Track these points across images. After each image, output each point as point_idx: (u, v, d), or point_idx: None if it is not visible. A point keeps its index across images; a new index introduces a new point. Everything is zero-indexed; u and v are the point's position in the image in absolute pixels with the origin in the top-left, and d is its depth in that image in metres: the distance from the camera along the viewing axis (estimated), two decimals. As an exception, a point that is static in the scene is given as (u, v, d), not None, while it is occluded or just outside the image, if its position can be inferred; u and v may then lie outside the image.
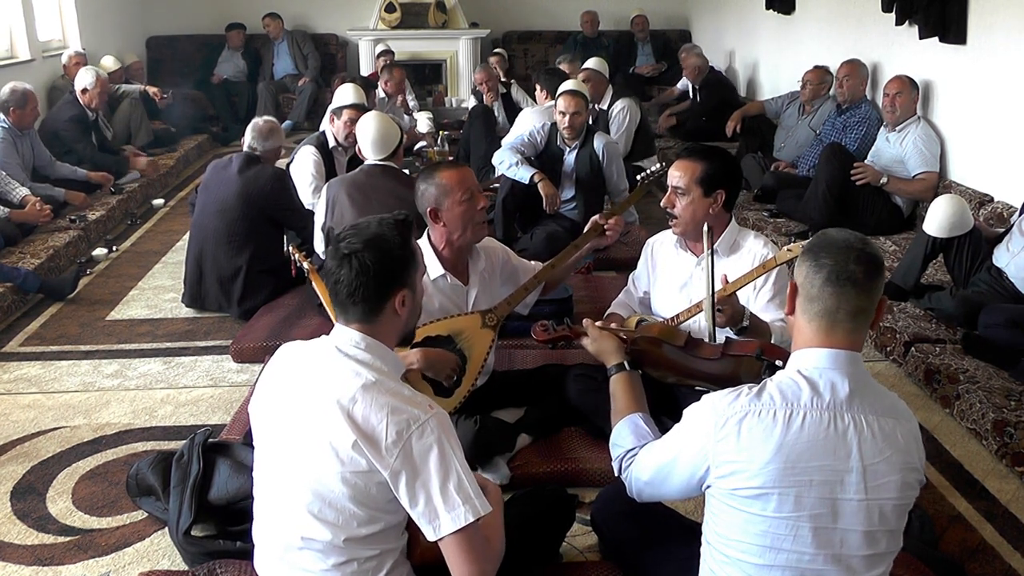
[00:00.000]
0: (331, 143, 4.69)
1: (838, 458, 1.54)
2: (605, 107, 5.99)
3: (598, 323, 2.36)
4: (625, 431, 1.93)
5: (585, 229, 3.02)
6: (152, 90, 7.58)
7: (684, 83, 8.19)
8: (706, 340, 2.35)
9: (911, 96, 4.75)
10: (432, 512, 1.63)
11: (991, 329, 3.32)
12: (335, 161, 4.66)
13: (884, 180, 4.67)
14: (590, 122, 5.82)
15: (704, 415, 1.63)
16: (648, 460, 1.78)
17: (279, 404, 1.76)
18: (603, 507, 2.22)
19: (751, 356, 2.14)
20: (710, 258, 2.38)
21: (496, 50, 8.32)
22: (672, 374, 2.32)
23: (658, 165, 3.12)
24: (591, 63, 6.22)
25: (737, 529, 1.60)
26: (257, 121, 4.25)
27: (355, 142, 4.58)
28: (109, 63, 7.37)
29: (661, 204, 2.77)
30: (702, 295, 2.64)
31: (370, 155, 3.83)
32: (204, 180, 4.30)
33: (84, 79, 6.13)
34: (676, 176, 2.72)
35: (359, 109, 4.60)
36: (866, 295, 1.57)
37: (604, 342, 2.22)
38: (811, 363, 1.59)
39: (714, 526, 1.66)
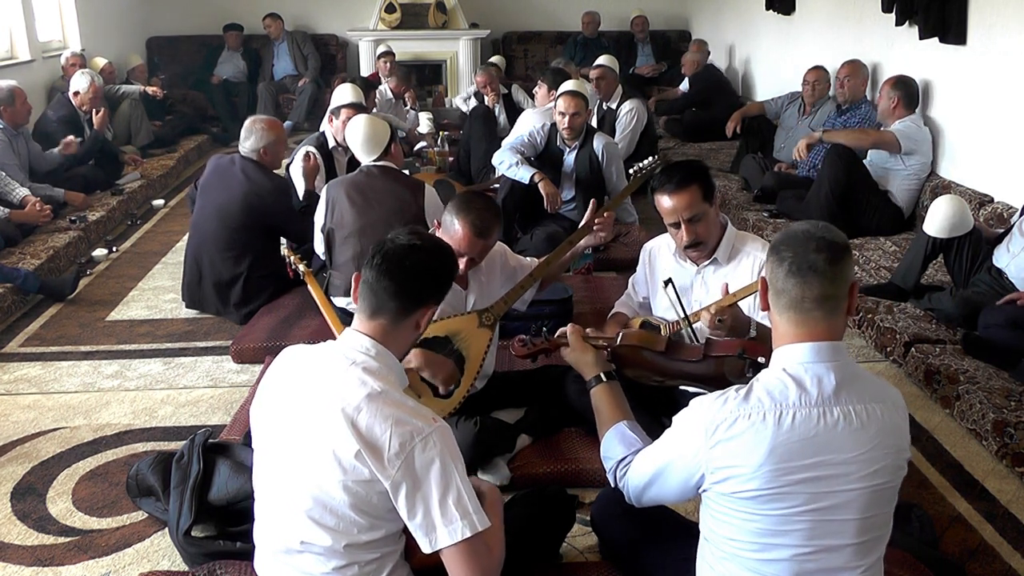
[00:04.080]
0: (331, 143, 4.68)
1: (831, 452, 1.55)
2: (614, 106, 6.00)
3: (589, 330, 2.34)
4: (613, 441, 1.93)
5: (580, 225, 3.02)
6: (152, 89, 7.58)
7: (685, 85, 8.22)
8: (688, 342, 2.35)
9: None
10: (429, 525, 1.63)
11: (991, 329, 3.32)
12: (335, 161, 4.65)
13: (819, 135, 4.98)
14: (595, 121, 5.86)
15: (694, 422, 1.63)
16: (642, 468, 1.78)
17: (282, 408, 1.76)
18: (603, 508, 2.22)
19: (733, 356, 2.14)
20: (671, 286, 2.41)
21: (493, 59, 8.16)
22: (656, 375, 2.32)
23: (650, 159, 3.09)
24: (603, 60, 6.24)
25: (735, 528, 1.61)
26: (247, 121, 4.14)
27: None
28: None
29: (685, 243, 2.67)
30: (703, 303, 2.64)
31: (363, 157, 3.81)
32: (204, 179, 4.21)
33: (78, 82, 6.14)
34: (682, 209, 2.62)
35: (357, 108, 4.58)
36: (830, 282, 1.58)
37: (582, 355, 2.18)
38: (795, 359, 1.60)
39: (712, 524, 1.67)
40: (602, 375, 2.10)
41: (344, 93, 4.74)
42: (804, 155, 5.02)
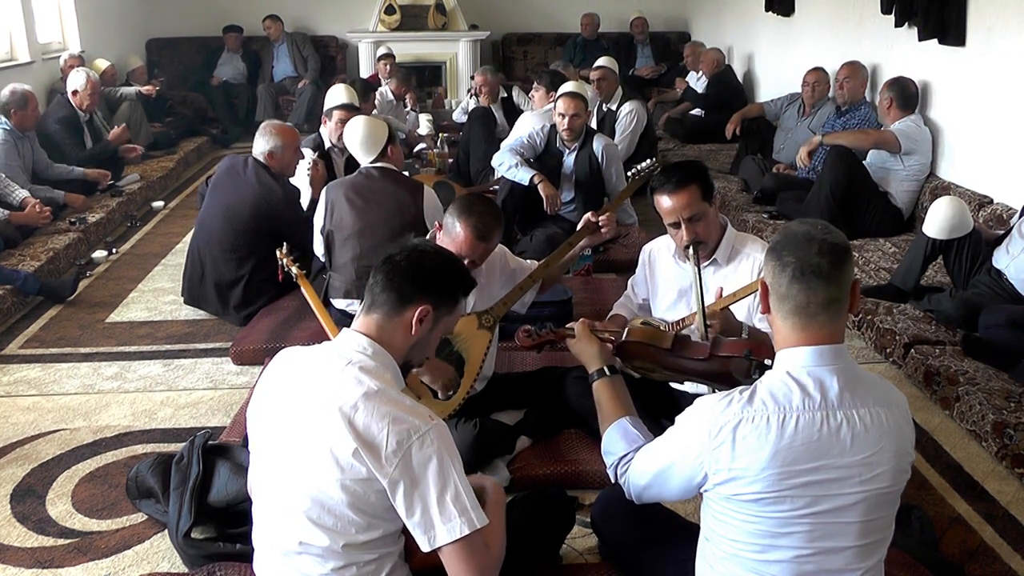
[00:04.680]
0: (327, 144, 4.67)
1: (833, 456, 1.55)
2: (614, 107, 6.00)
3: (596, 322, 2.35)
4: (615, 437, 1.92)
5: (579, 227, 3.02)
6: (146, 89, 7.56)
7: (692, 83, 8.21)
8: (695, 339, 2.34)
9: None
10: (428, 523, 1.63)
11: (992, 330, 3.32)
12: (333, 162, 4.63)
13: (819, 139, 4.99)
14: (595, 122, 5.86)
15: (698, 423, 1.63)
16: (644, 466, 1.78)
17: (279, 409, 1.76)
18: (603, 509, 2.22)
19: (739, 357, 2.14)
20: (697, 272, 2.39)
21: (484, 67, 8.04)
22: (661, 370, 2.32)
23: (649, 161, 3.09)
24: (603, 61, 6.24)
25: (736, 528, 1.61)
26: (261, 125, 4.16)
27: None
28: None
29: (685, 243, 2.62)
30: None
31: (362, 158, 3.82)
32: (215, 177, 4.20)
33: (75, 81, 6.14)
34: (681, 208, 2.59)
35: (349, 109, 4.58)
36: (835, 285, 1.57)
37: (587, 345, 2.17)
38: (798, 363, 1.60)
39: (713, 524, 1.67)
40: (605, 369, 2.09)
41: (337, 94, 4.72)
42: (807, 162, 4.99)
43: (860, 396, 1.59)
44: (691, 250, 2.50)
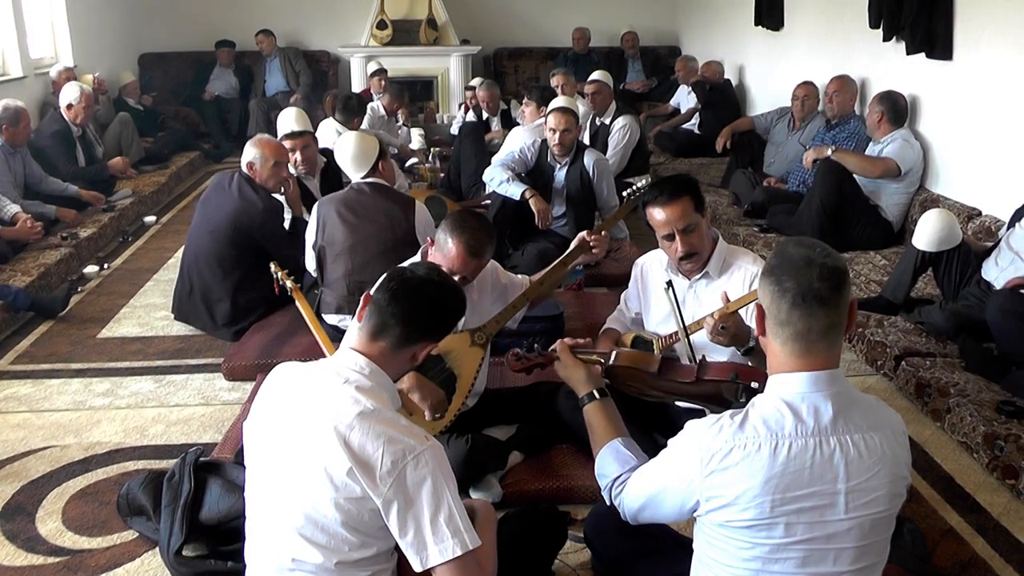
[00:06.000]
0: (294, 172, 4.60)
1: (826, 483, 1.53)
2: (607, 121, 6.02)
3: (580, 340, 2.34)
4: (608, 459, 1.91)
5: (572, 245, 3.03)
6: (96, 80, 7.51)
7: (676, 100, 8.25)
8: (684, 361, 2.36)
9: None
10: (420, 543, 1.63)
11: (1006, 316, 3.22)
12: (306, 187, 4.55)
13: (830, 152, 4.90)
14: (587, 136, 5.88)
15: (689, 449, 1.61)
16: (638, 490, 1.77)
17: (275, 425, 1.76)
18: (595, 524, 2.22)
19: (727, 381, 2.15)
20: (675, 302, 2.41)
21: (474, 81, 8.00)
22: (652, 391, 2.33)
23: (645, 180, 3.10)
24: (598, 75, 6.27)
25: (729, 554, 1.60)
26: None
27: (307, 170, 4.51)
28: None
29: (680, 254, 2.64)
30: (696, 317, 2.64)
31: (353, 174, 3.83)
32: (205, 193, 4.21)
33: (69, 94, 6.13)
34: (676, 219, 2.60)
35: (295, 137, 4.47)
36: (835, 310, 1.54)
37: (574, 371, 2.16)
38: (792, 389, 1.57)
39: (706, 548, 1.66)
40: (595, 392, 2.08)
41: (284, 122, 4.56)
42: (810, 165, 5.06)
43: (854, 421, 1.56)
44: (669, 286, 2.50)
